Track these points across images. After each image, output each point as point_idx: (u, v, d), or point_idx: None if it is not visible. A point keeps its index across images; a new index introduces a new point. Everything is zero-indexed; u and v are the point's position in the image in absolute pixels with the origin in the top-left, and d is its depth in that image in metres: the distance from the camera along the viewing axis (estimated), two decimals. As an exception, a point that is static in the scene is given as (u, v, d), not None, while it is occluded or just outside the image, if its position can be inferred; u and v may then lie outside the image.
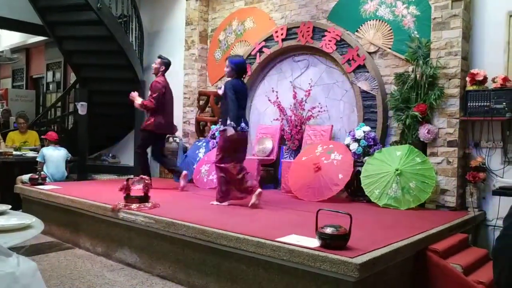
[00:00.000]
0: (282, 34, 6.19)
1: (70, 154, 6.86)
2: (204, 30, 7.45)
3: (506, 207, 4.27)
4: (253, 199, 4.41)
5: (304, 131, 5.89)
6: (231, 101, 4.43)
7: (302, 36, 5.94)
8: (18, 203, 5.56)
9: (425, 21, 4.96)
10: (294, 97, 6.10)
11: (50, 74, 11.83)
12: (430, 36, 4.78)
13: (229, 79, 4.64)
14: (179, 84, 7.53)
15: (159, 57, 5.82)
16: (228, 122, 4.39)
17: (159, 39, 8.28)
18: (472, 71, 4.53)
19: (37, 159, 6.37)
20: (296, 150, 5.91)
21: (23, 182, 5.99)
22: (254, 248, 3.03)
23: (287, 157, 5.97)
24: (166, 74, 5.79)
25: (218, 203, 4.57)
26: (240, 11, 6.98)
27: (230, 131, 4.37)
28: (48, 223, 4.41)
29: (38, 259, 4.12)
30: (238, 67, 4.60)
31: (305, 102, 5.99)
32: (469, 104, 4.50)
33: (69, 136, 8.50)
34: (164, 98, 5.63)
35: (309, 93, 5.96)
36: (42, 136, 7.32)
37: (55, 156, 6.49)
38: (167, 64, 5.76)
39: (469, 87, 4.53)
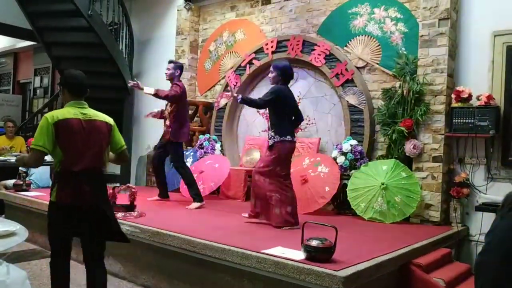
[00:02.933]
0: (272, 47, 6.24)
1: (55, 160, 6.78)
2: (195, 40, 7.48)
3: (489, 223, 4.33)
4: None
5: (292, 143, 5.92)
6: (263, 102, 4.15)
7: (292, 49, 6.00)
8: (1, 208, 5.48)
9: (412, 38, 5.05)
10: (283, 109, 6.12)
11: (37, 79, 11.73)
12: (417, 53, 4.87)
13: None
14: (168, 93, 7.53)
15: (171, 61, 5.46)
16: (274, 132, 4.11)
17: (149, 47, 8.28)
18: (457, 88, 4.62)
19: (20, 168, 6.29)
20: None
21: (6, 188, 5.91)
22: (239, 259, 3.03)
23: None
24: (155, 82, 5.73)
25: (290, 227, 4.00)
26: (231, 23, 7.03)
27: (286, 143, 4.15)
28: (31, 230, 4.34)
29: (20, 267, 4.04)
30: (284, 72, 4.23)
31: (294, 114, 6.02)
32: (454, 120, 4.58)
33: (55, 143, 8.41)
34: (184, 103, 5.39)
35: (297, 106, 6.00)
36: (26, 144, 7.25)
37: (40, 163, 6.41)
38: (181, 67, 5.43)
39: (454, 104, 4.61)
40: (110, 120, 3.02)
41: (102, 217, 2.83)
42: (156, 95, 5.13)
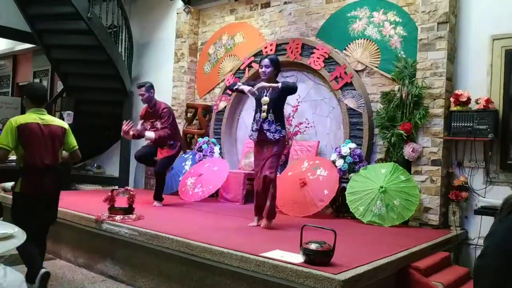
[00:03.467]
0: (271, 50, 6.25)
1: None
2: (194, 43, 7.49)
3: (488, 226, 4.33)
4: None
5: (291, 146, 5.93)
6: (284, 103, 4.18)
7: (291, 52, 6.01)
8: (-1, 211, 5.49)
9: (411, 42, 5.06)
10: (282, 112, 6.13)
11: (37, 81, 11.71)
12: (416, 57, 4.88)
13: (277, 82, 4.24)
14: (167, 95, 7.53)
15: (140, 85, 5.30)
16: (280, 126, 4.14)
17: (148, 50, 8.29)
18: (456, 92, 4.62)
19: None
20: (282, 165, 5.93)
21: (5, 190, 5.89)
22: (238, 262, 3.03)
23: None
24: (154, 85, 5.71)
25: (269, 223, 4.15)
26: (231, 26, 7.04)
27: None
28: (29, 233, 4.34)
29: (17, 270, 4.04)
30: (278, 65, 4.29)
31: (293, 117, 6.03)
32: (453, 124, 4.59)
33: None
34: (174, 119, 5.47)
35: (296, 109, 6.01)
36: None
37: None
38: (152, 86, 5.36)
39: (453, 108, 4.61)
40: (64, 124, 3.64)
41: (53, 203, 3.59)
42: (159, 136, 5.15)
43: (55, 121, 3.58)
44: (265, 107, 4.17)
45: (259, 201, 4.23)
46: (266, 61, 4.22)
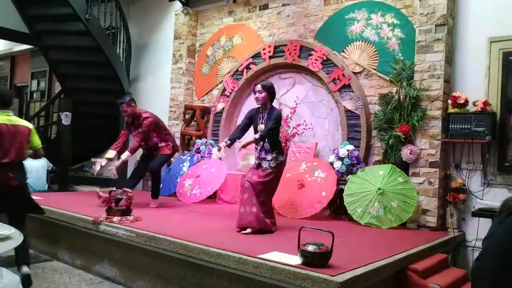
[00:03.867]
0: (269, 52, 6.26)
1: (51, 164, 6.78)
2: (192, 45, 7.49)
3: (485, 228, 4.34)
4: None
5: (289, 148, 5.93)
6: (276, 131, 4.14)
7: (289, 54, 6.01)
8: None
9: (409, 44, 5.07)
10: (280, 114, 6.13)
11: (34, 82, 11.69)
12: (414, 59, 4.88)
13: (270, 108, 4.21)
14: (165, 97, 7.54)
15: (120, 102, 5.22)
16: (276, 153, 4.09)
17: (146, 52, 8.29)
18: (454, 94, 4.63)
19: None
20: (280, 167, 5.93)
21: None
22: (235, 264, 3.02)
23: (271, 173, 5.98)
24: (152, 86, 5.72)
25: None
26: (229, 28, 7.04)
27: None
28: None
29: (14, 271, 4.02)
30: (272, 91, 4.21)
31: (291, 119, 6.03)
32: (450, 126, 4.59)
33: (51, 146, 8.39)
34: (161, 126, 5.50)
35: (294, 111, 6.02)
36: None
37: (34, 166, 6.40)
38: (133, 99, 5.34)
39: (451, 110, 4.62)
40: (30, 125, 3.96)
41: (22, 196, 3.86)
42: (133, 149, 5.17)
43: (21, 122, 3.93)
44: None
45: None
46: (258, 87, 4.20)
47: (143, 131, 5.17)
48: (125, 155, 5.11)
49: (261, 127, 4.15)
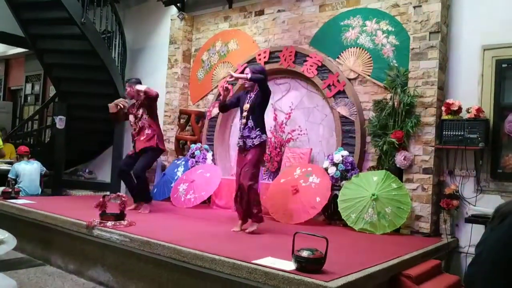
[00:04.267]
0: (264, 57, 6.28)
1: (44, 168, 6.75)
2: (188, 50, 7.50)
3: (478, 234, 4.35)
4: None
5: (284, 153, 5.94)
6: (264, 109, 4.26)
7: (285, 60, 6.04)
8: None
9: (403, 51, 5.11)
10: (275, 119, 6.16)
11: (29, 86, 11.67)
12: (408, 66, 4.92)
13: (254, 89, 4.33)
14: (160, 101, 7.49)
15: (127, 80, 5.48)
16: (260, 131, 4.22)
17: (142, 56, 8.30)
18: (447, 101, 4.67)
19: (9, 176, 6.25)
20: (275, 172, 5.94)
21: None
22: (229, 269, 3.01)
23: (265, 178, 6.00)
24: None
25: (253, 228, 4.17)
26: (224, 33, 7.07)
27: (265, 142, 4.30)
28: (19, 238, 4.29)
29: (7, 276, 4.00)
30: (266, 72, 4.34)
31: (285, 124, 6.05)
32: (444, 132, 4.62)
33: (45, 150, 8.37)
34: (156, 113, 5.47)
35: (289, 116, 6.04)
36: (16, 151, 7.22)
37: (27, 170, 6.38)
38: (138, 82, 5.43)
39: (445, 116, 4.65)
40: None
41: None
42: (147, 92, 5.21)
43: None
44: (245, 114, 4.29)
45: (237, 208, 4.35)
46: (247, 70, 4.33)
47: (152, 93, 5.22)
48: (140, 86, 5.23)
49: (246, 106, 4.29)
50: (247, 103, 4.33)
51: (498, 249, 1.58)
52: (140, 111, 5.35)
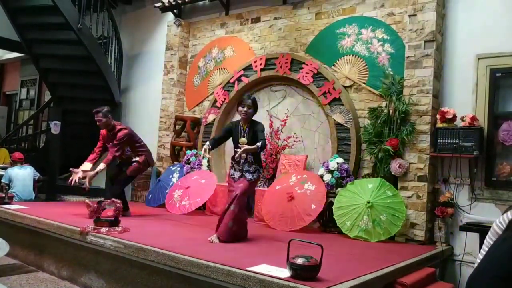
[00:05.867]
0: (261, 64, 6.30)
1: (38, 173, 6.71)
2: (184, 56, 7.51)
3: (473, 242, 4.38)
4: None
5: (279, 160, 5.94)
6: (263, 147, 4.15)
7: (281, 67, 6.06)
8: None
9: (399, 59, 5.14)
10: (270, 126, 6.17)
11: (24, 91, 11.62)
12: (403, 74, 4.95)
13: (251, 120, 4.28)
14: (156, 107, 7.54)
15: (97, 111, 5.29)
16: (259, 166, 4.27)
17: (138, 62, 8.30)
18: (442, 109, 4.70)
19: (2, 181, 6.21)
20: (270, 179, 5.94)
21: None
22: (224, 276, 3.00)
23: (261, 185, 5.99)
24: (143, 97, 5.71)
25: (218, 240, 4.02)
26: (221, 40, 7.09)
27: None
28: (12, 244, 4.26)
29: (3, 282, 3.96)
30: (257, 106, 4.29)
31: (281, 131, 6.06)
32: (439, 140, 4.64)
33: (40, 155, 8.32)
34: (136, 139, 5.53)
35: (285, 123, 6.05)
36: (10, 156, 7.18)
37: (20, 175, 6.35)
38: (110, 111, 5.40)
39: (439, 125, 4.68)
40: None
41: None
42: (108, 161, 5.19)
43: None
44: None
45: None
46: (249, 102, 4.18)
47: (118, 142, 5.21)
48: (100, 166, 5.17)
49: (243, 140, 4.16)
50: (243, 136, 4.20)
51: (508, 260, 1.57)
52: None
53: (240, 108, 4.21)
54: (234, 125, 4.33)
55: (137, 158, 5.49)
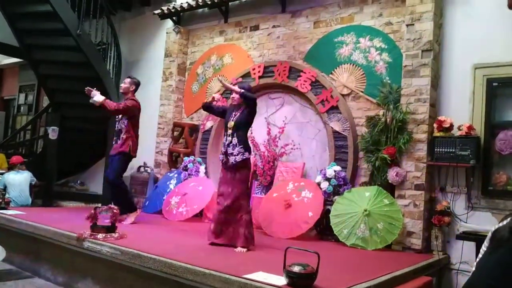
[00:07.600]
0: (259, 72, 6.32)
1: (34, 178, 6.70)
2: (183, 63, 7.54)
3: (470, 251, 4.38)
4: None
5: (276, 167, 5.95)
6: (248, 127, 4.28)
7: (279, 74, 6.08)
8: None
9: (396, 68, 5.17)
10: (268, 133, 6.18)
11: (22, 96, 11.62)
12: (401, 83, 4.98)
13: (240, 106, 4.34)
14: (154, 113, 7.54)
15: (129, 77, 5.58)
16: (243, 149, 4.18)
17: (137, 68, 8.32)
18: (439, 118, 4.72)
19: None
20: (268, 186, 5.94)
21: None
22: (221, 284, 3.00)
23: (258, 192, 5.99)
24: (142, 103, 5.71)
25: (246, 250, 4.03)
26: (219, 47, 7.11)
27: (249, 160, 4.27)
28: (8, 249, 4.25)
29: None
30: (252, 91, 4.39)
31: (279, 138, 6.07)
32: (436, 149, 4.66)
33: (37, 160, 8.31)
34: (137, 120, 5.48)
35: (283, 130, 6.06)
36: (8, 161, 7.17)
37: (17, 180, 6.33)
38: (137, 84, 5.54)
39: (436, 133, 4.70)
40: None
41: None
42: (104, 105, 5.15)
43: None
44: (230, 131, 4.25)
45: (218, 225, 4.19)
46: (236, 87, 4.34)
47: (125, 104, 5.26)
48: (97, 96, 5.21)
49: (231, 124, 4.26)
50: (232, 120, 4.27)
51: (496, 272, 1.58)
52: (123, 120, 5.39)
53: (230, 96, 4.37)
54: (229, 109, 4.45)
55: (125, 137, 5.30)
